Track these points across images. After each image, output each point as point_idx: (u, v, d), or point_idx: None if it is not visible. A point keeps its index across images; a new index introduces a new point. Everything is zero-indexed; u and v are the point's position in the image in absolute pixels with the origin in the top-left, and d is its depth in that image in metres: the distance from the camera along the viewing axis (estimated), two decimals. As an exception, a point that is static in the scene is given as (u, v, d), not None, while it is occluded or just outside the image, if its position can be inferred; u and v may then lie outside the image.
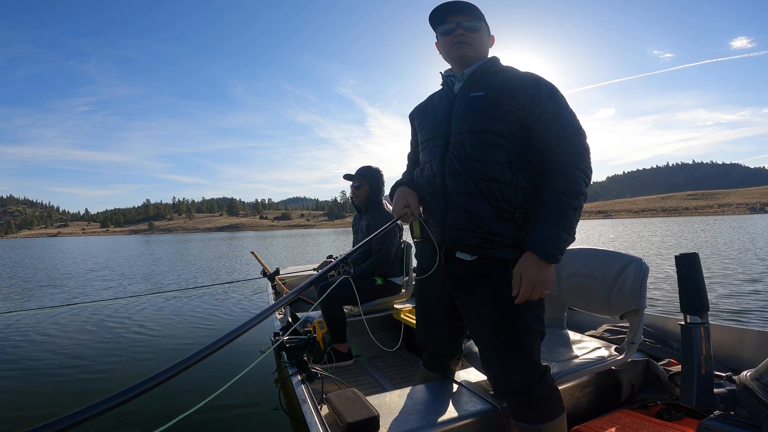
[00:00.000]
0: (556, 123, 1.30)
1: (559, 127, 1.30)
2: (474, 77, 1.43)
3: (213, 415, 2.74)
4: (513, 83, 1.35)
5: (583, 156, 1.29)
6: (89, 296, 8.03)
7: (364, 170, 3.09)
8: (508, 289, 1.33)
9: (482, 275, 1.38)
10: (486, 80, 1.41)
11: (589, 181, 1.31)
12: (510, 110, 1.32)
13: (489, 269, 1.37)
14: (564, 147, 1.29)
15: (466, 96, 1.41)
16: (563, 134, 1.29)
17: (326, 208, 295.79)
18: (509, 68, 1.44)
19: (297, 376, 1.81)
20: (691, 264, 1.34)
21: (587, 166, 1.30)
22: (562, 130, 1.29)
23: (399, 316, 3.07)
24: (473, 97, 1.39)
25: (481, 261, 1.38)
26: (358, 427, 1.32)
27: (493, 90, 1.37)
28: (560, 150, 1.29)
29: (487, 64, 1.44)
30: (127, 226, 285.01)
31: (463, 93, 1.43)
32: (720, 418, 1.18)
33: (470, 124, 1.37)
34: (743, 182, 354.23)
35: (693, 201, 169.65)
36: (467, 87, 1.43)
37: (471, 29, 1.42)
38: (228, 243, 36.96)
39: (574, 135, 1.30)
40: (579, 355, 1.75)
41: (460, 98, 1.43)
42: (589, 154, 1.31)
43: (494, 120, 1.33)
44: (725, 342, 1.96)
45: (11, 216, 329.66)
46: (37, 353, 4.27)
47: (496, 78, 1.40)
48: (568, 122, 1.30)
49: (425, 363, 1.76)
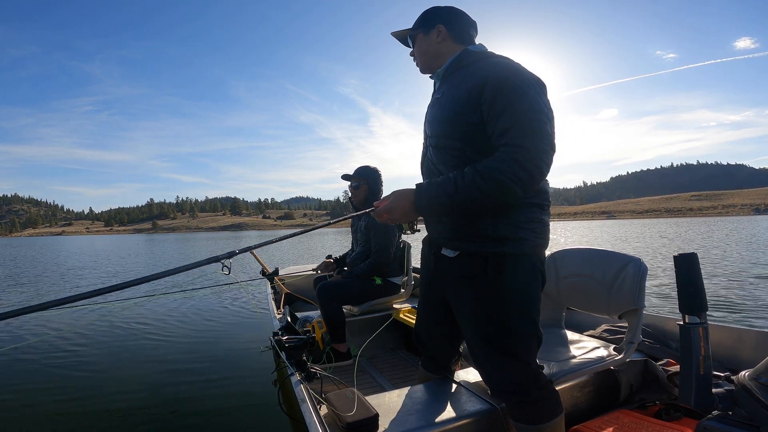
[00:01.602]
0: (507, 116, 1.18)
1: (510, 121, 1.17)
2: (447, 74, 1.42)
3: (212, 415, 2.75)
4: (471, 77, 1.28)
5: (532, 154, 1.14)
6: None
7: (363, 170, 3.08)
8: (491, 289, 1.31)
9: (465, 273, 1.35)
10: (453, 78, 1.38)
11: (529, 178, 1.15)
12: (460, 109, 1.27)
13: (471, 267, 1.34)
14: (513, 138, 1.15)
15: (433, 98, 1.44)
16: (515, 128, 1.16)
17: (329, 207, 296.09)
18: (485, 58, 1.34)
19: (296, 375, 1.81)
20: (689, 264, 1.33)
21: (533, 165, 1.14)
22: (515, 125, 1.16)
23: (398, 316, 3.07)
24: (434, 100, 1.41)
25: (462, 258, 1.36)
26: (357, 427, 1.32)
27: (449, 89, 1.35)
28: (508, 140, 1.16)
29: (460, 58, 1.39)
30: (130, 225, 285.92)
31: (434, 94, 1.45)
32: (718, 418, 1.18)
33: (430, 129, 1.39)
34: (748, 183, 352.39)
35: (697, 202, 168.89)
36: (438, 87, 1.46)
37: (416, 41, 1.47)
38: (230, 242, 37.01)
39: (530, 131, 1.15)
40: (578, 355, 1.74)
41: (431, 99, 1.46)
42: (542, 154, 1.15)
43: (444, 123, 1.33)
44: (724, 342, 1.96)
45: (16, 215, 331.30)
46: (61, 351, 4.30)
47: (463, 73, 1.34)
48: (525, 116, 1.16)
49: (424, 364, 1.75)
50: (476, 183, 1.16)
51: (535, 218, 1.32)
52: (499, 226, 1.28)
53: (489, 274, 1.30)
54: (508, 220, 1.29)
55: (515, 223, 1.29)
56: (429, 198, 1.24)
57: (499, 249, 1.29)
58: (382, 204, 1.32)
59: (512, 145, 1.16)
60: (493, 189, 1.15)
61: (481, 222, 1.29)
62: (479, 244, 1.31)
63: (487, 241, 1.30)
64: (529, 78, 1.23)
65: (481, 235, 1.30)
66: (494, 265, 1.30)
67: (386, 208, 1.31)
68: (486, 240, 1.30)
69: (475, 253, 1.32)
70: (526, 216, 1.30)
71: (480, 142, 1.25)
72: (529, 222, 1.31)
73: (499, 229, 1.28)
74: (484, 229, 1.29)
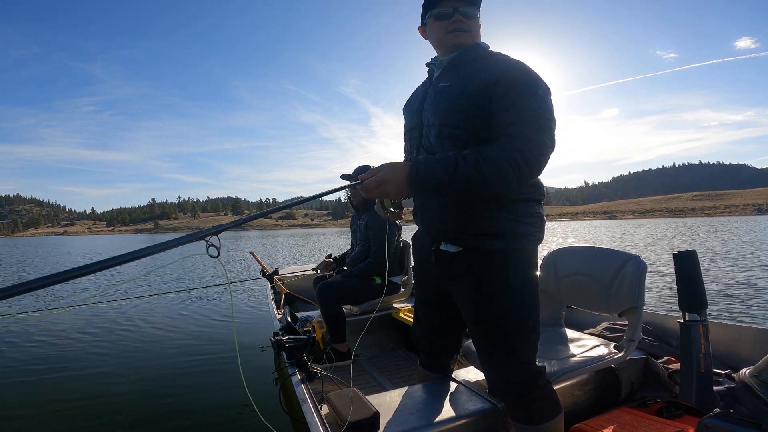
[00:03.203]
0: (515, 110, 1.19)
1: (517, 115, 1.18)
2: (450, 65, 1.36)
3: (213, 415, 2.75)
4: (485, 70, 1.26)
5: (534, 146, 1.15)
6: (89, 298, 8.07)
7: (362, 170, 3.07)
8: (494, 286, 1.30)
9: (467, 269, 1.34)
10: (461, 69, 1.32)
11: (528, 169, 1.16)
12: (470, 100, 1.25)
13: (472, 261, 1.33)
14: (518, 129, 1.17)
15: (436, 86, 1.36)
16: (520, 121, 1.17)
17: (330, 207, 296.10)
18: (494, 55, 1.33)
19: (297, 375, 1.82)
20: (689, 262, 1.33)
21: (532, 156, 1.15)
22: (521, 119, 1.17)
23: (398, 315, 3.07)
24: (440, 88, 1.34)
25: (466, 253, 1.34)
26: (358, 427, 1.32)
27: (460, 80, 1.29)
28: (512, 131, 1.17)
29: (467, 51, 1.35)
30: (132, 225, 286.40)
31: (435, 83, 1.38)
32: (719, 416, 1.18)
33: (433, 117, 1.33)
34: (750, 183, 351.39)
35: (699, 202, 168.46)
36: (441, 76, 1.38)
37: (468, 15, 1.33)
38: (230, 241, 37.01)
39: (535, 126, 1.17)
40: (578, 354, 1.74)
41: (432, 88, 1.38)
42: (543, 148, 1.17)
43: (453, 112, 1.28)
44: (724, 339, 1.95)
45: (18, 215, 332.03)
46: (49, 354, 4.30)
47: (472, 66, 1.31)
48: (531, 111, 1.18)
49: (423, 363, 1.75)
50: (478, 165, 1.13)
51: (534, 212, 1.34)
52: (503, 222, 1.29)
53: (494, 270, 1.30)
54: (509, 215, 1.29)
55: (517, 217, 1.30)
56: (426, 171, 1.16)
57: (503, 244, 1.29)
58: (371, 176, 1.19)
59: (516, 135, 1.17)
60: (493, 174, 1.13)
61: (483, 217, 1.29)
62: (483, 239, 1.30)
63: (491, 236, 1.29)
64: (538, 79, 1.25)
65: (484, 231, 1.29)
66: (499, 261, 1.30)
67: (377, 181, 1.18)
68: (490, 235, 1.29)
69: (479, 248, 1.31)
70: (527, 210, 1.32)
71: (485, 134, 1.25)
72: (529, 216, 1.32)
73: (502, 224, 1.29)
74: (487, 224, 1.29)
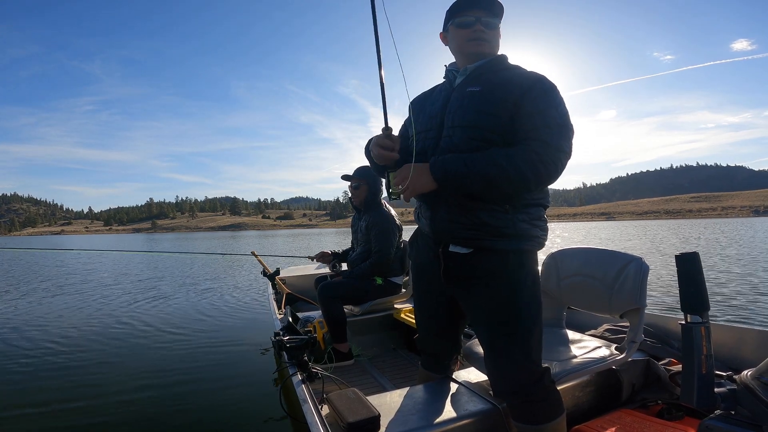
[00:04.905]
0: (540, 116, 1.25)
1: (540, 121, 1.25)
2: (476, 73, 1.41)
3: (213, 415, 2.75)
4: (512, 80, 1.33)
5: (552, 151, 1.22)
6: (91, 298, 8.05)
7: (362, 170, 3.07)
8: (506, 286, 1.32)
9: (479, 270, 1.36)
10: (487, 77, 1.38)
11: (546, 172, 1.22)
12: (502, 106, 1.29)
13: (486, 263, 1.35)
14: (539, 134, 1.23)
15: (463, 91, 1.40)
16: (543, 127, 1.24)
17: (328, 207, 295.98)
18: (516, 67, 1.41)
19: (297, 376, 1.81)
20: (691, 263, 1.33)
21: (550, 160, 1.22)
22: (544, 125, 1.24)
23: (399, 315, 3.07)
24: (469, 92, 1.37)
25: (476, 254, 1.36)
26: (358, 427, 1.32)
27: (490, 85, 1.34)
28: (534, 135, 1.24)
29: (493, 61, 1.42)
30: (130, 224, 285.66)
31: (460, 87, 1.42)
32: (721, 418, 1.18)
33: (461, 118, 1.35)
34: (748, 185, 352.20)
35: (697, 203, 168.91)
36: (466, 82, 1.41)
37: (490, 26, 1.39)
38: (229, 242, 36.96)
39: (556, 133, 1.24)
40: (579, 355, 1.74)
41: (456, 92, 1.42)
42: (561, 154, 1.24)
43: (485, 116, 1.31)
44: (726, 341, 1.96)
45: (15, 214, 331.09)
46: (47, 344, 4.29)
47: (497, 75, 1.37)
48: (554, 120, 1.25)
49: (423, 363, 1.75)
50: (498, 161, 1.21)
51: (542, 216, 1.41)
52: (518, 223, 1.32)
53: (510, 270, 1.33)
54: (524, 216, 1.33)
55: (529, 220, 1.35)
56: (445, 164, 1.26)
57: (519, 245, 1.33)
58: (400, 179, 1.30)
59: (537, 140, 1.23)
60: (511, 170, 1.20)
61: (498, 219, 1.31)
62: (499, 240, 1.32)
63: (507, 237, 1.32)
64: (560, 95, 1.32)
65: (500, 232, 1.32)
66: (515, 262, 1.33)
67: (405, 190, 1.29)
68: (506, 237, 1.32)
69: (495, 249, 1.33)
70: (537, 214, 1.38)
71: (511, 138, 1.30)
72: (538, 220, 1.38)
73: (518, 225, 1.32)
74: (502, 225, 1.31)
